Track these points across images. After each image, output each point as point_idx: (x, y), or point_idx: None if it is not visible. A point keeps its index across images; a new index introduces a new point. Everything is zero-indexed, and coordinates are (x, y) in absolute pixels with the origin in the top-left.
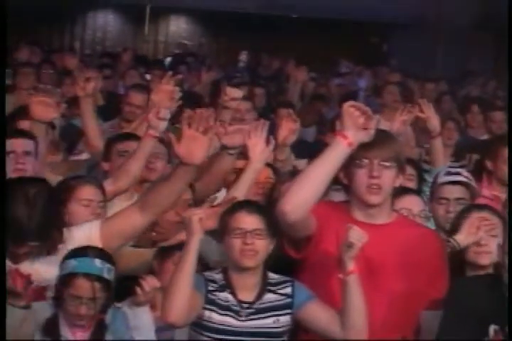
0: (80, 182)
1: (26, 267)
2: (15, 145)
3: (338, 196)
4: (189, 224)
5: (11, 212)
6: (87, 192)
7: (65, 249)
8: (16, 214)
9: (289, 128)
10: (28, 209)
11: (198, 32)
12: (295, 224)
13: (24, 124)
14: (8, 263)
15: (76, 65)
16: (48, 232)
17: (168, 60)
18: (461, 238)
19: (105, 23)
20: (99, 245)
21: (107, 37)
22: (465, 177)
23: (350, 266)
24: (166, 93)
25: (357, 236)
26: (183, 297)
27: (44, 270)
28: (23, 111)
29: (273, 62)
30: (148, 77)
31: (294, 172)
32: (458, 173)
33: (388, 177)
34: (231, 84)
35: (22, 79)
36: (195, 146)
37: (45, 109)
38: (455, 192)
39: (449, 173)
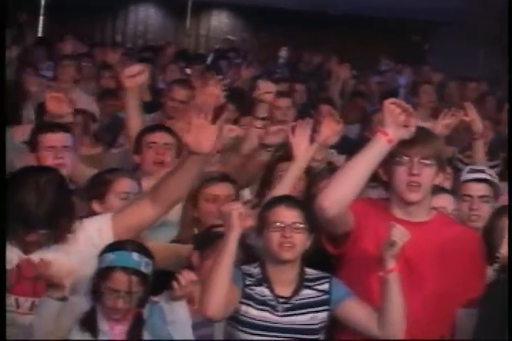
0: (117, 175)
1: (37, 257)
2: (53, 139)
3: (374, 193)
4: (228, 219)
5: (20, 199)
6: (124, 185)
7: (74, 239)
8: (25, 200)
9: (331, 129)
10: (38, 196)
11: (239, 27)
12: (333, 220)
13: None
14: (18, 254)
15: (118, 60)
16: (56, 220)
17: (210, 54)
18: (504, 252)
19: (147, 16)
20: (110, 237)
21: (148, 31)
22: (489, 174)
23: (391, 264)
24: (211, 96)
25: (399, 234)
26: (221, 291)
27: (53, 259)
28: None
29: (314, 58)
30: (188, 71)
31: (333, 169)
32: (482, 171)
33: (428, 175)
34: (270, 79)
35: (63, 72)
36: (203, 135)
37: (58, 104)
38: (479, 189)
39: (473, 171)
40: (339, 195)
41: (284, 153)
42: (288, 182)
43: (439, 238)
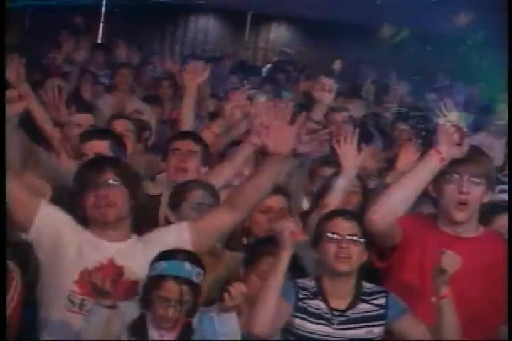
0: (191, 187)
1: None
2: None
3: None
4: (281, 239)
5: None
6: (198, 196)
7: (152, 248)
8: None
9: (409, 158)
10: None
11: (298, 40)
12: (381, 234)
13: None
14: (100, 256)
15: (178, 69)
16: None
17: (268, 66)
18: None
19: (206, 27)
20: (190, 246)
21: (207, 41)
22: None
23: (443, 290)
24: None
25: (450, 261)
26: (269, 310)
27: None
28: None
29: (371, 72)
30: (245, 83)
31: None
32: None
33: (477, 194)
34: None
35: (120, 80)
36: (282, 136)
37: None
38: None
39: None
40: (389, 209)
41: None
42: (338, 192)
43: (486, 254)
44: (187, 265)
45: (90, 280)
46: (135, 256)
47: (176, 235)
